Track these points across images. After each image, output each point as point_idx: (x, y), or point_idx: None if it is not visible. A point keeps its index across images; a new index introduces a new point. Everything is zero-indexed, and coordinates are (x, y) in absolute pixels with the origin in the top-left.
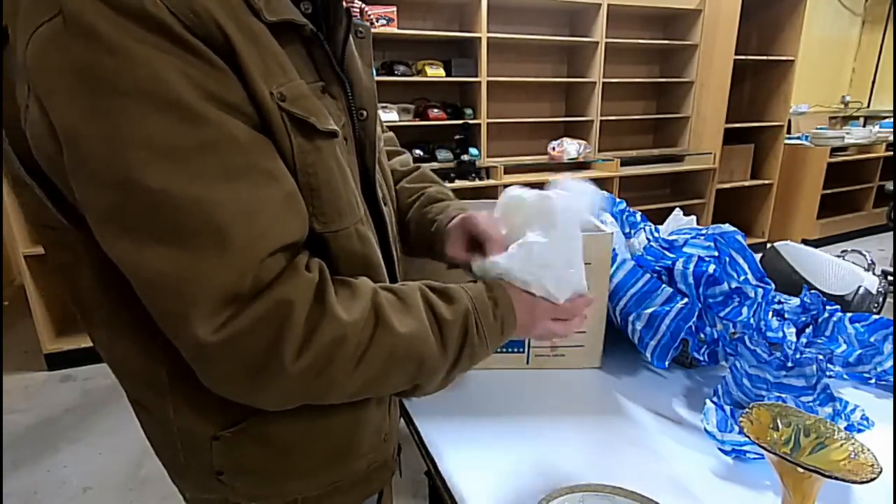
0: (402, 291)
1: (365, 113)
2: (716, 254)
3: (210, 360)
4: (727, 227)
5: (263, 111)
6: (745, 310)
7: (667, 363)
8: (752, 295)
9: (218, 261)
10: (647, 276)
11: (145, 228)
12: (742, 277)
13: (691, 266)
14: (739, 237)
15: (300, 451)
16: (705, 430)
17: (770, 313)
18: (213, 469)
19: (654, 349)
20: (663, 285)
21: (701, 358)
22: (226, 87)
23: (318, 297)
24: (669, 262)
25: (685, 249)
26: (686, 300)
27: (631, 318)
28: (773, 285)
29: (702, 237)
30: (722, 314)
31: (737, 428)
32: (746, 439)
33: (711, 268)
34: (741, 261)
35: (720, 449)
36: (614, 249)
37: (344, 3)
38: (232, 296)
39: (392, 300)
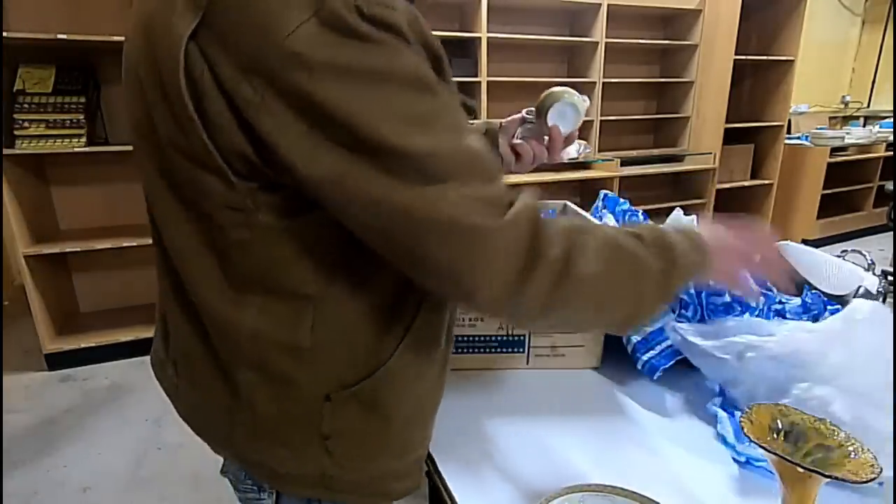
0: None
1: None
2: None
3: (489, 250)
4: None
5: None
6: (746, 317)
7: (656, 377)
8: (754, 304)
9: (480, 182)
10: None
11: (430, 176)
12: None
13: None
14: None
15: (396, 420)
16: (724, 439)
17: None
18: (320, 433)
19: (644, 363)
20: None
21: None
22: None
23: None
24: None
25: None
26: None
27: None
28: (774, 289)
29: None
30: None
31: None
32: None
33: None
34: None
35: (734, 459)
36: None
37: None
38: (498, 201)
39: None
